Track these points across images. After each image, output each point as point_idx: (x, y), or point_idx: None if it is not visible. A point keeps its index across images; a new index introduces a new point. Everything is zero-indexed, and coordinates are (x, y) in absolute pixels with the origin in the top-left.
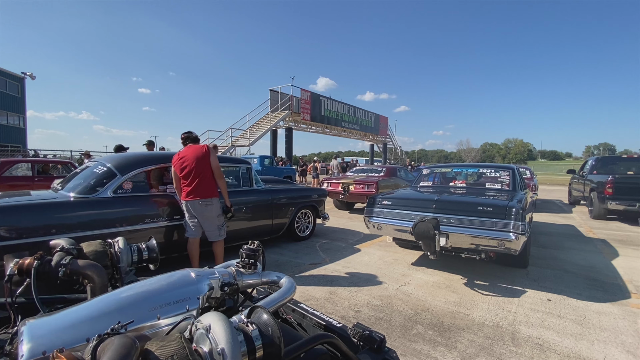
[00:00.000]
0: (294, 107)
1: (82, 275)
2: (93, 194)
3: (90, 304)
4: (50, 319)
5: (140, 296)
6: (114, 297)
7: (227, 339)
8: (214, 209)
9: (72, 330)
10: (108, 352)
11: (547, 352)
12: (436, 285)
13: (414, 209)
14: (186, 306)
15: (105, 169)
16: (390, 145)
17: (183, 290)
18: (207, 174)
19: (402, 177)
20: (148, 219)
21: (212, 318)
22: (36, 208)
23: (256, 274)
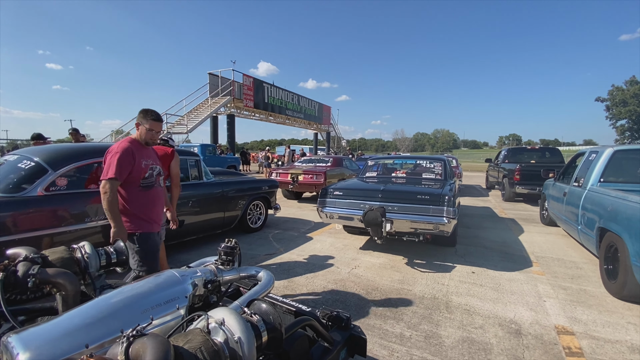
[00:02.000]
0: (236, 93)
1: (53, 284)
2: (19, 192)
3: (80, 311)
4: (40, 329)
5: (130, 300)
6: (104, 302)
7: (242, 329)
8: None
9: (68, 338)
10: (149, 351)
11: (473, 316)
12: (382, 267)
13: (363, 198)
14: (176, 305)
15: (33, 163)
16: (333, 134)
17: (171, 291)
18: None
19: (347, 167)
20: (88, 217)
21: (224, 312)
22: None
23: (234, 269)
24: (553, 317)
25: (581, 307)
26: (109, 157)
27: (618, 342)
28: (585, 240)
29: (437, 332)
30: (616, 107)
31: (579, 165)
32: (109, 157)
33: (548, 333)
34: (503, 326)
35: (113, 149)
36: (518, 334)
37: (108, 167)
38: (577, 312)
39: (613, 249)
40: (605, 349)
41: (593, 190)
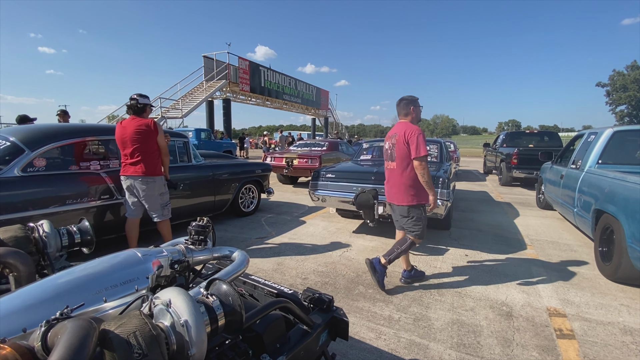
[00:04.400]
0: (232, 76)
1: (3, 264)
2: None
3: (21, 292)
4: None
5: (81, 280)
6: (50, 283)
7: (189, 311)
8: (156, 187)
9: (4, 321)
10: (64, 336)
11: (465, 298)
12: (374, 250)
13: (355, 181)
14: (135, 286)
15: (8, 143)
16: (331, 119)
17: (130, 271)
18: (150, 149)
19: (343, 151)
20: (70, 199)
21: (171, 293)
22: None
23: (207, 249)
24: (545, 299)
25: (574, 290)
26: (414, 137)
27: (610, 323)
28: (580, 223)
29: (427, 315)
30: (616, 92)
31: (577, 148)
32: (414, 137)
33: (539, 315)
34: (494, 308)
35: (414, 130)
36: (509, 316)
37: (418, 146)
38: (569, 295)
39: (609, 231)
40: (597, 331)
41: (591, 172)
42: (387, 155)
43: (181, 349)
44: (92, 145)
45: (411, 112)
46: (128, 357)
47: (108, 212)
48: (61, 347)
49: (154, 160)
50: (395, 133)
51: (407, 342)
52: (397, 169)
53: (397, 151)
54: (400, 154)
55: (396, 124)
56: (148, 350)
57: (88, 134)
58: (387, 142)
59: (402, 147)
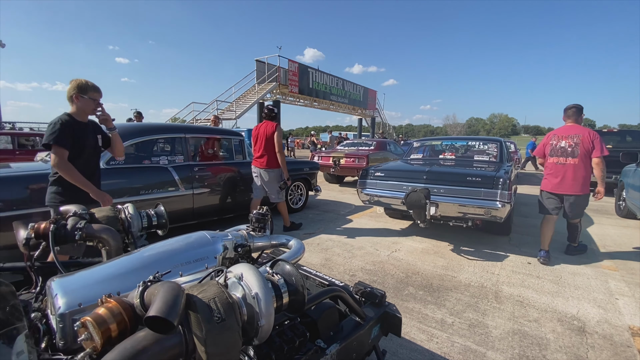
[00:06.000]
0: (282, 79)
1: (98, 238)
2: None
3: (116, 262)
4: (79, 276)
5: (162, 255)
6: (137, 255)
7: (259, 285)
8: (276, 177)
9: (102, 285)
10: (160, 293)
11: (527, 308)
12: (425, 252)
13: (405, 179)
14: (205, 264)
15: None
16: (378, 119)
17: (201, 250)
18: (271, 148)
19: (391, 151)
20: (143, 190)
21: (243, 268)
22: (31, 178)
23: (265, 236)
24: (627, 317)
25: None
26: (597, 140)
27: None
28: None
29: (484, 322)
30: None
31: None
32: (597, 140)
33: (620, 334)
34: (563, 322)
35: (596, 134)
36: (581, 332)
37: (602, 147)
38: None
39: None
40: None
41: None
42: (566, 152)
43: (251, 320)
44: (161, 142)
45: (581, 118)
46: (209, 319)
47: (173, 202)
48: (158, 301)
49: (273, 155)
50: (577, 134)
51: (461, 348)
52: (579, 164)
53: (582, 149)
54: (584, 152)
55: (569, 126)
56: (226, 315)
57: (158, 132)
58: (564, 141)
59: (587, 146)
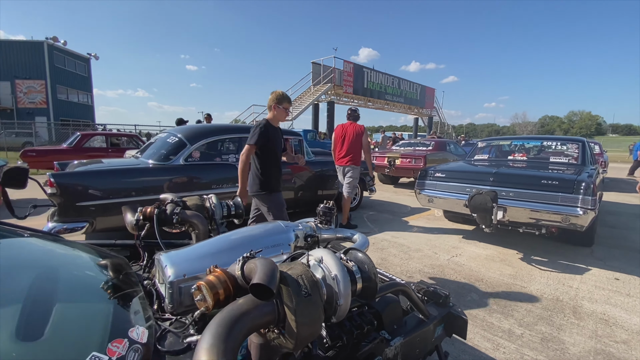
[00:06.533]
0: (337, 79)
1: (189, 223)
2: (167, 161)
3: (209, 243)
4: (181, 253)
5: (246, 239)
6: (225, 238)
7: (338, 268)
8: (356, 174)
9: (199, 261)
10: (260, 266)
11: (613, 327)
12: (490, 258)
13: (469, 181)
14: (281, 250)
15: (176, 139)
16: (436, 119)
17: (277, 237)
18: (357, 147)
19: (451, 152)
20: (214, 185)
21: (322, 252)
22: (126, 172)
23: (331, 229)
24: None
25: None
26: None
27: None
28: None
29: (559, 337)
30: None
31: None
32: None
33: None
34: None
35: None
36: None
37: None
38: None
39: None
40: None
41: None
42: None
43: (330, 299)
44: (229, 142)
45: None
46: (298, 293)
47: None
48: (260, 272)
49: (358, 154)
50: None
51: None
52: None
53: None
54: None
55: None
56: (312, 291)
57: (227, 132)
58: None
59: None
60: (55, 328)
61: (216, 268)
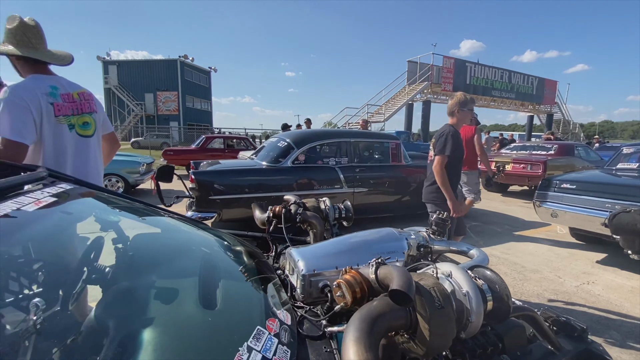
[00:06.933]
0: (434, 77)
1: (309, 223)
2: (277, 163)
3: (331, 243)
4: (309, 249)
5: (363, 243)
6: (344, 241)
7: (469, 284)
8: (473, 178)
9: (325, 258)
10: (396, 274)
11: None
12: (636, 291)
13: (611, 195)
14: (396, 258)
15: (285, 143)
16: (557, 116)
17: (392, 244)
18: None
19: (581, 157)
20: (315, 185)
21: (450, 266)
22: (246, 172)
23: (444, 241)
24: None
25: None
26: None
27: None
28: None
29: None
30: None
31: None
32: None
33: None
34: None
35: None
36: None
37: None
38: None
39: None
40: None
41: None
42: None
43: (460, 315)
44: (330, 146)
45: None
46: (431, 304)
47: (337, 198)
48: (399, 279)
49: (473, 158)
50: None
51: None
52: None
53: None
54: None
55: None
56: (444, 303)
57: (328, 137)
58: None
59: None
60: (225, 300)
61: (351, 269)
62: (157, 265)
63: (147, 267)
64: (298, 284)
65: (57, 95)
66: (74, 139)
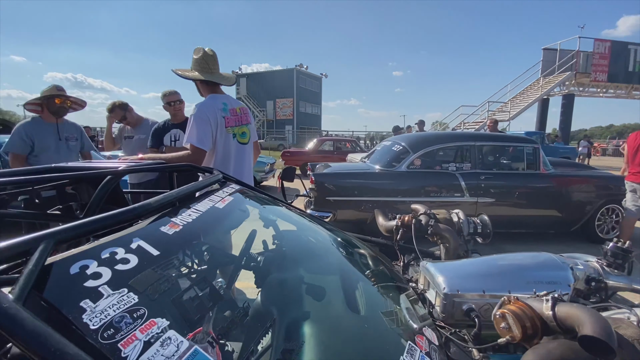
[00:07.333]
0: (581, 66)
1: (441, 236)
2: (391, 167)
3: (476, 262)
4: (449, 266)
5: (516, 268)
6: (491, 262)
7: None
8: None
9: (469, 280)
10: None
11: None
12: None
13: None
14: (559, 290)
15: (400, 147)
16: None
17: (553, 274)
18: None
19: None
20: (433, 192)
21: None
22: (360, 175)
23: (624, 276)
24: None
25: None
26: None
27: None
28: None
29: None
30: None
31: None
32: None
33: None
34: None
35: None
36: None
37: None
38: None
39: None
40: None
41: None
42: None
43: None
44: (450, 150)
45: None
46: (634, 358)
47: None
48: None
49: None
50: None
51: None
52: None
53: None
54: None
55: None
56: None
57: (448, 141)
58: None
59: None
60: (369, 307)
61: (517, 300)
62: (306, 260)
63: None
64: (438, 303)
65: (227, 110)
66: (235, 146)
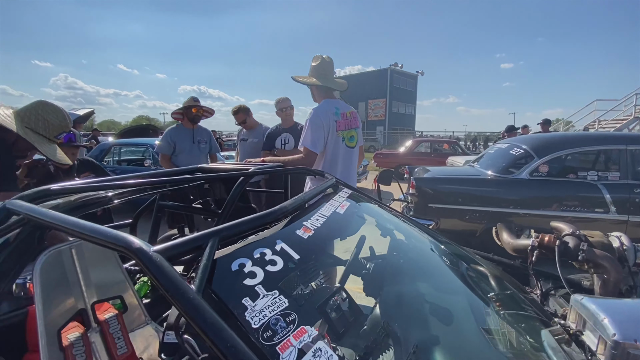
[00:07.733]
0: None
1: (597, 265)
2: (509, 174)
3: None
4: (621, 306)
5: None
6: None
7: None
8: None
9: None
10: None
11: None
12: None
13: None
14: None
15: (521, 151)
16: None
17: None
18: None
19: None
20: (562, 206)
21: None
22: (468, 181)
23: None
24: None
25: None
26: None
27: None
28: None
29: None
30: None
31: None
32: None
33: None
34: None
35: None
36: None
37: None
38: None
39: None
40: None
41: None
42: None
43: None
44: (591, 155)
45: None
46: None
47: (596, 226)
48: None
49: None
50: None
51: None
52: None
53: None
54: None
55: None
56: None
57: (587, 144)
58: None
59: None
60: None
61: None
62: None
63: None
64: (602, 351)
65: (338, 114)
66: (343, 149)
